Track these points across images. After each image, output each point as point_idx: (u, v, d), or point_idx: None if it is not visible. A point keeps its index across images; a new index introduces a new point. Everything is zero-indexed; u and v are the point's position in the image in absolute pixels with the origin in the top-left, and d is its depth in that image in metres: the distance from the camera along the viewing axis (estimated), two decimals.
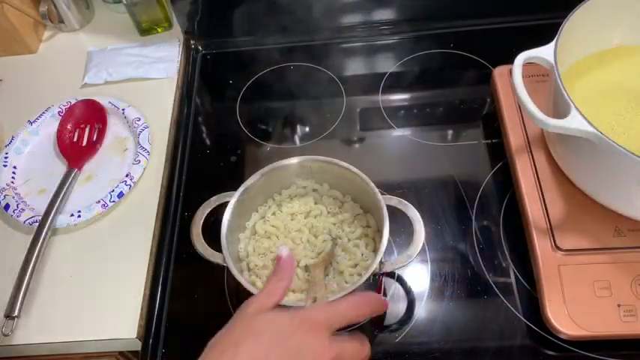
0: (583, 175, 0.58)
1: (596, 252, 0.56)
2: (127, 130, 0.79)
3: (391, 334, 0.59)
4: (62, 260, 0.68)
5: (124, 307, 0.63)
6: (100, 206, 0.69)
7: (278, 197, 0.65)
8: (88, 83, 0.85)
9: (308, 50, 0.87)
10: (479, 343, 0.58)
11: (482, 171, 0.70)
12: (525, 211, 0.60)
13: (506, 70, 0.72)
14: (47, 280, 0.66)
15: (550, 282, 0.55)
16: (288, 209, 0.64)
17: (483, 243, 0.64)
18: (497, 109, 0.71)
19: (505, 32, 0.85)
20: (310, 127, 0.79)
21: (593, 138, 0.50)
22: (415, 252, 0.55)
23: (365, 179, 0.59)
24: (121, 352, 0.66)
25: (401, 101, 0.80)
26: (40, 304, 0.64)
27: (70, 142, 0.78)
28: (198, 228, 0.58)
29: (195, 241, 0.57)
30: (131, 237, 0.69)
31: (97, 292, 0.65)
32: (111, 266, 0.67)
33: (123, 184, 0.71)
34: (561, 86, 0.53)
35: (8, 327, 0.60)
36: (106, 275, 0.66)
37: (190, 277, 0.66)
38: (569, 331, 0.53)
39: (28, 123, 0.80)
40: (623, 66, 0.64)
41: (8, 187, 0.73)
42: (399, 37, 0.88)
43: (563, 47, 0.56)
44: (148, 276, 0.66)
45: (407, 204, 0.58)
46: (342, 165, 0.61)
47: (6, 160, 0.76)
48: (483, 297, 0.61)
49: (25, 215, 0.69)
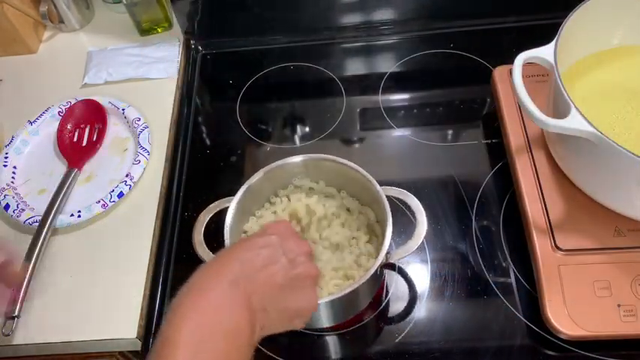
0: (583, 175, 0.58)
1: (596, 252, 0.56)
2: (127, 130, 0.79)
3: (391, 334, 0.59)
4: (62, 260, 0.68)
5: (124, 307, 0.63)
6: (100, 206, 0.69)
7: (274, 198, 0.65)
8: (88, 83, 0.85)
9: (308, 50, 0.87)
10: (479, 343, 0.58)
11: (482, 171, 0.70)
12: (525, 211, 0.60)
13: (506, 70, 0.72)
14: (47, 280, 0.66)
15: (550, 282, 0.55)
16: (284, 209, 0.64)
17: (483, 243, 0.64)
18: (497, 109, 0.71)
19: (505, 32, 0.85)
20: (310, 127, 0.79)
21: (593, 138, 0.50)
22: (419, 240, 0.55)
23: (364, 173, 0.59)
24: (121, 352, 0.66)
25: (401, 101, 0.80)
26: (40, 304, 0.64)
27: (70, 142, 0.78)
28: (200, 235, 0.58)
29: (198, 248, 0.57)
30: (131, 237, 0.69)
31: (97, 292, 0.65)
32: (111, 266, 0.67)
33: (123, 184, 0.71)
34: (561, 86, 0.53)
35: (8, 327, 0.60)
36: (106, 275, 0.66)
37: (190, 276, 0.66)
38: (569, 331, 0.53)
39: (28, 123, 0.80)
40: (623, 66, 0.64)
41: (8, 187, 0.73)
42: (399, 37, 0.88)
43: (563, 47, 0.56)
44: (148, 276, 0.66)
45: (407, 194, 0.58)
46: (338, 161, 0.61)
47: (6, 160, 0.76)
48: (483, 297, 0.61)
49: (25, 215, 0.69)
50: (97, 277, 0.66)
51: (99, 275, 0.66)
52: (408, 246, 0.56)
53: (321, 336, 0.60)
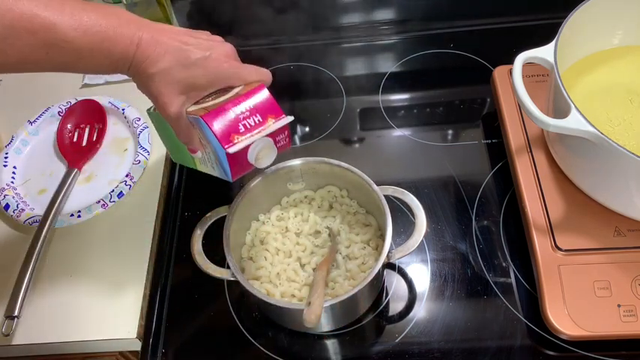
0: (583, 175, 0.58)
1: (596, 252, 0.56)
2: (127, 130, 0.79)
3: (391, 334, 0.59)
4: (62, 260, 0.68)
5: (124, 307, 0.63)
6: (100, 206, 0.69)
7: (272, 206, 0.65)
8: (87, 83, 0.85)
9: (308, 50, 0.87)
10: (479, 343, 0.58)
11: (482, 171, 0.70)
12: (525, 211, 0.60)
13: (506, 70, 0.72)
14: (47, 280, 0.66)
15: (550, 282, 0.55)
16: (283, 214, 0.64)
17: (483, 243, 0.64)
18: (497, 109, 0.71)
19: (505, 32, 0.85)
20: (310, 127, 0.79)
21: (593, 138, 0.50)
22: (419, 238, 0.55)
23: (359, 173, 0.60)
24: (121, 352, 0.66)
25: (401, 101, 0.80)
26: (40, 304, 0.64)
27: (70, 142, 0.78)
28: (199, 245, 0.58)
29: (197, 258, 0.57)
30: (131, 237, 0.69)
31: (97, 292, 0.65)
32: (111, 266, 0.67)
33: (123, 184, 0.71)
34: (561, 86, 0.53)
35: (8, 327, 0.60)
36: (106, 275, 0.66)
37: (190, 277, 0.66)
38: (569, 331, 0.53)
39: (28, 123, 0.80)
40: (623, 66, 0.64)
41: (8, 187, 0.73)
42: (399, 37, 0.88)
43: (563, 47, 0.56)
44: (148, 276, 0.66)
45: (403, 191, 0.59)
46: (333, 163, 0.61)
47: (6, 160, 0.76)
48: (483, 297, 0.61)
49: (25, 215, 0.69)
50: (97, 277, 0.66)
51: (99, 275, 0.66)
52: (408, 245, 0.56)
53: (321, 336, 0.60)
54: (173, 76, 0.46)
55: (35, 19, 0.40)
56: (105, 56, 0.44)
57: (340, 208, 0.64)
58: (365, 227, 0.63)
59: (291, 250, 0.61)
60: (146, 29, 0.45)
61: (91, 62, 0.44)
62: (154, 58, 0.45)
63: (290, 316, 0.57)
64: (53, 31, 0.41)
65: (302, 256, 0.61)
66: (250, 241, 0.63)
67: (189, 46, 0.47)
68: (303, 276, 0.59)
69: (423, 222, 0.56)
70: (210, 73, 0.48)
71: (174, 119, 0.49)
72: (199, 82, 0.48)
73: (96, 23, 0.42)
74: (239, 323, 0.61)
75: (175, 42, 0.46)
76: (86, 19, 0.42)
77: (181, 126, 0.50)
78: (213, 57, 0.48)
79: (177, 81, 0.47)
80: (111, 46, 0.44)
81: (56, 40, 0.41)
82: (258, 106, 0.50)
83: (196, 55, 0.47)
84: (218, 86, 0.50)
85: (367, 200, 0.62)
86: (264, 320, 0.61)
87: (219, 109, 0.48)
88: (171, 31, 0.47)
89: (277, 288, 0.59)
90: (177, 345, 0.61)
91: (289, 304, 0.53)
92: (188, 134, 0.51)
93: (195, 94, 0.49)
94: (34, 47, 0.41)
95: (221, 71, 0.49)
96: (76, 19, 0.42)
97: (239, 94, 0.49)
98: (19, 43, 0.40)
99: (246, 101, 0.49)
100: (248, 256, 0.63)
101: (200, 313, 0.63)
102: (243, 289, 0.54)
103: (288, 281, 0.59)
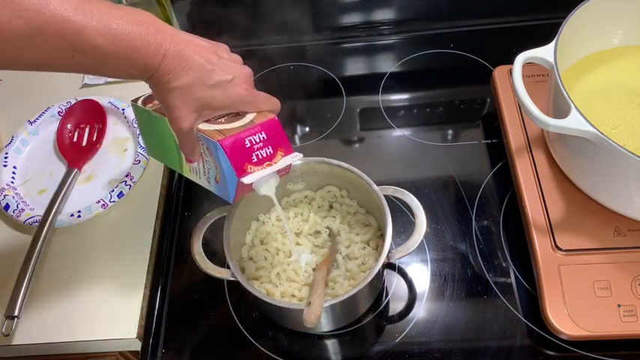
0: (583, 175, 0.58)
1: (596, 252, 0.56)
2: (127, 130, 0.79)
3: (391, 334, 0.59)
4: (62, 260, 0.68)
5: (124, 307, 0.63)
6: (100, 206, 0.69)
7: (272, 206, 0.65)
8: (87, 83, 0.85)
9: (308, 50, 0.87)
10: (479, 343, 0.58)
11: (482, 171, 0.70)
12: (525, 211, 0.60)
13: (506, 70, 0.72)
14: (47, 280, 0.66)
15: (550, 282, 0.55)
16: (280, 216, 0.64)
17: (483, 243, 0.64)
18: (497, 109, 0.71)
19: (505, 32, 0.85)
20: (310, 127, 0.79)
21: (593, 138, 0.50)
22: (419, 238, 0.55)
23: (359, 173, 0.60)
24: (121, 352, 0.66)
25: (401, 101, 0.80)
26: (40, 304, 0.64)
27: (70, 142, 0.78)
28: (199, 245, 0.58)
29: (197, 258, 0.57)
30: (131, 237, 0.69)
31: (97, 292, 0.65)
32: (111, 266, 0.67)
33: (123, 184, 0.71)
34: (561, 86, 0.53)
35: (8, 327, 0.60)
36: (106, 275, 0.66)
37: (190, 276, 0.66)
38: (569, 331, 0.53)
39: (28, 123, 0.80)
40: (623, 66, 0.64)
41: (8, 187, 0.73)
42: (399, 37, 0.88)
43: (563, 47, 0.56)
44: (148, 276, 0.66)
45: (403, 191, 0.59)
46: (333, 163, 0.61)
47: (6, 160, 0.76)
48: (483, 297, 0.61)
49: (25, 215, 0.69)
50: (97, 277, 0.66)
51: (99, 275, 0.66)
52: (408, 245, 0.56)
53: (321, 336, 0.60)
54: (193, 93, 0.47)
55: (64, 23, 0.40)
56: (129, 65, 0.44)
57: (340, 208, 0.64)
58: (365, 227, 0.63)
59: (291, 250, 0.62)
60: (172, 40, 0.45)
61: (113, 68, 0.44)
62: (178, 72, 0.45)
63: (290, 316, 0.57)
64: (81, 35, 0.41)
65: (302, 256, 0.61)
66: (250, 241, 0.63)
67: (214, 66, 0.47)
68: (303, 276, 0.59)
69: (423, 222, 0.56)
70: (229, 97, 0.48)
71: (185, 133, 0.49)
72: (216, 104, 0.48)
73: (124, 31, 0.42)
74: (239, 323, 0.61)
75: (201, 59, 0.46)
76: (114, 26, 0.42)
77: (189, 140, 0.50)
78: (235, 82, 0.48)
79: (197, 99, 0.47)
80: (136, 54, 0.43)
81: (83, 44, 0.41)
82: (271, 138, 0.50)
83: (220, 77, 0.47)
84: (232, 110, 0.50)
85: (367, 200, 0.62)
86: (264, 320, 0.61)
87: (237, 136, 0.48)
88: (195, 44, 0.47)
89: (277, 288, 0.59)
90: (177, 345, 0.61)
91: (289, 304, 0.53)
92: (193, 147, 0.51)
93: (209, 112, 0.49)
94: (60, 50, 0.41)
95: (239, 97, 0.49)
96: (105, 24, 0.42)
97: (254, 123, 0.50)
98: (46, 45, 0.40)
99: (261, 132, 0.50)
100: (248, 256, 0.63)
101: (200, 313, 0.63)
102: (243, 289, 0.54)
103: (288, 281, 0.59)
